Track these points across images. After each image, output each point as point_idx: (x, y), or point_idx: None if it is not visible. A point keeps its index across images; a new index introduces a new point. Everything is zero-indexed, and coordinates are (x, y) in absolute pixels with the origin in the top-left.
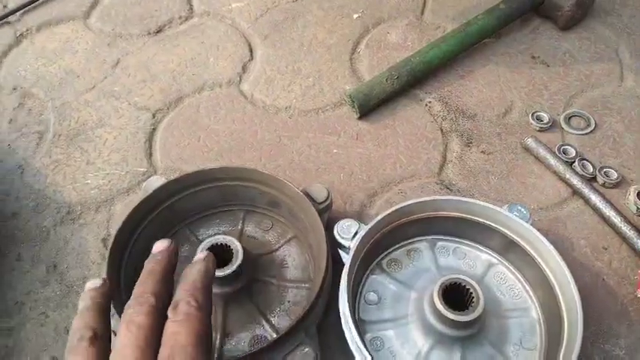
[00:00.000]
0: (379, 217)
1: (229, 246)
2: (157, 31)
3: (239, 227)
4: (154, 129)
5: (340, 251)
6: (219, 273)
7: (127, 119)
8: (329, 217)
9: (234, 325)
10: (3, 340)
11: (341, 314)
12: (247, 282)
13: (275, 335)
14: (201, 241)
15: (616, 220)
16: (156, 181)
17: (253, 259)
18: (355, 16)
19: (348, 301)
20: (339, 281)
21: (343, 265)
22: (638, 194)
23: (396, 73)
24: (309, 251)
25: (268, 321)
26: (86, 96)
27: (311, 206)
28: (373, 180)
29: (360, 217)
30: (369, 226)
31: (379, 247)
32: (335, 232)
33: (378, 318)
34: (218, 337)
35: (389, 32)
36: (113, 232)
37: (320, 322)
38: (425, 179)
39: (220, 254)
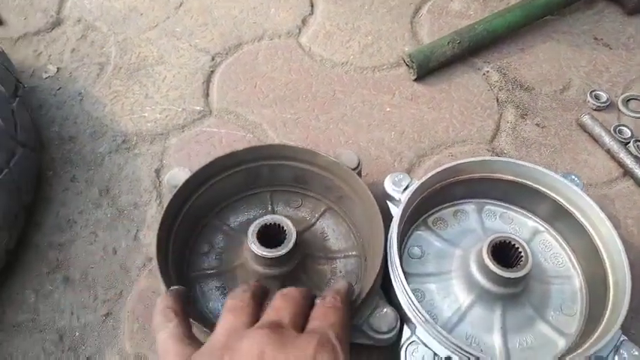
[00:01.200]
0: (431, 174)
1: (281, 225)
2: None
3: (269, 209)
4: (212, 71)
5: (389, 203)
6: (275, 253)
7: (187, 59)
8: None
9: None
10: (54, 253)
11: (389, 264)
12: (301, 259)
13: None
14: (234, 229)
15: None
16: (178, 174)
17: (299, 236)
18: None
19: (397, 252)
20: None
21: (389, 216)
22: None
23: (459, 38)
24: (347, 219)
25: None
26: (148, 34)
27: (353, 173)
28: (424, 141)
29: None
30: (421, 180)
31: (427, 204)
32: (386, 183)
33: (420, 271)
34: None
35: (452, 0)
36: (164, 191)
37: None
38: (476, 145)
39: (272, 234)
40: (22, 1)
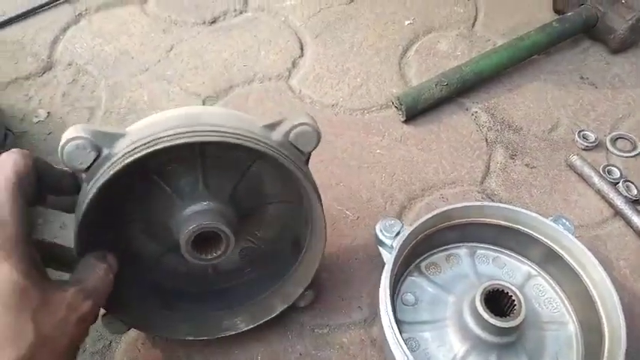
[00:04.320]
0: (423, 219)
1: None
2: (212, 22)
3: None
4: None
5: (380, 248)
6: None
7: (178, 103)
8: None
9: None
10: None
11: (381, 313)
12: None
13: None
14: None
15: None
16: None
17: None
18: (406, 22)
19: (390, 301)
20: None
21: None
22: None
23: (446, 80)
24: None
25: (254, 235)
26: (139, 77)
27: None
28: (415, 183)
29: (399, 217)
30: (413, 226)
31: (419, 249)
32: (377, 229)
33: (414, 319)
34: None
35: (439, 41)
36: None
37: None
38: (467, 187)
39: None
40: (12, 45)
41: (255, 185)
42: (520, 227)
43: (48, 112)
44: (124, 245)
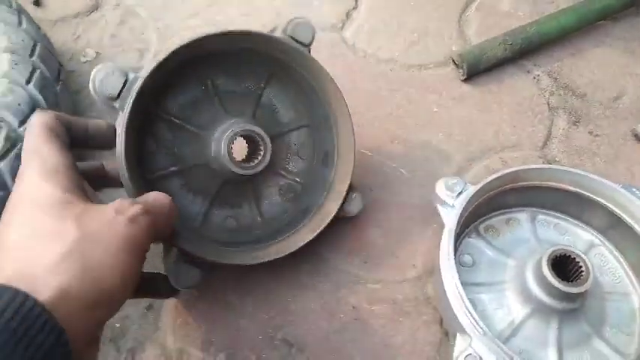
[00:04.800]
0: (488, 179)
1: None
2: None
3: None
4: None
5: (440, 207)
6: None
7: None
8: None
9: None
10: None
11: (443, 272)
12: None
13: (298, 180)
14: (175, 116)
15: None
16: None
17: None
18: None
19: (453, 260)
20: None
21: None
22: None
23: (510, 40)
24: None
25: (285, 169)
26: (189, 22)
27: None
28: (473, 144)
29: None
30: (478, 186)
31: (479, 210)
32: (438, 188)
33: (471, 280)
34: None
35: (501, 0)
36: None
37: None
38: (527, 151)
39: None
40: None
41: (271, 114)
42: (586, 192)
43: (97, 52)
44: None
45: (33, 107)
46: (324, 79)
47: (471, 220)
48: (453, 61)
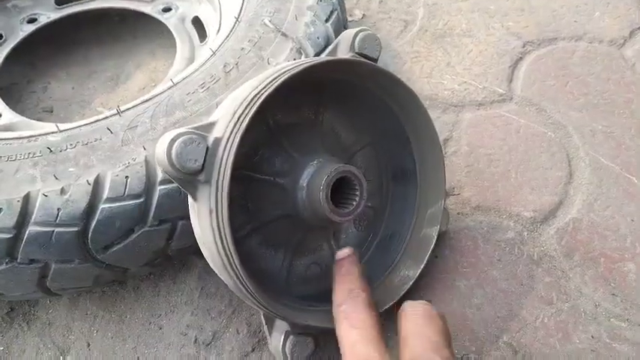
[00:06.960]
0: None
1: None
2: None
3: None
4: (521, 58)
5: None
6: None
7: (496, 39)
8: None
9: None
10: None
11: None
12: None
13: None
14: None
15: None
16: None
17: None
18: None
19: None
20: None
21: None
22: None
23: None
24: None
25: None
26: (460, 4)
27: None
28: None
29: None
30: None
31: None
32: None
33: None
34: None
35: None
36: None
37: None
38: None
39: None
40: None
41: (336, 140)
42: None
43: (363, 14)
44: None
45: (326, 44)
46: (404, 93)
47: None
48: None
